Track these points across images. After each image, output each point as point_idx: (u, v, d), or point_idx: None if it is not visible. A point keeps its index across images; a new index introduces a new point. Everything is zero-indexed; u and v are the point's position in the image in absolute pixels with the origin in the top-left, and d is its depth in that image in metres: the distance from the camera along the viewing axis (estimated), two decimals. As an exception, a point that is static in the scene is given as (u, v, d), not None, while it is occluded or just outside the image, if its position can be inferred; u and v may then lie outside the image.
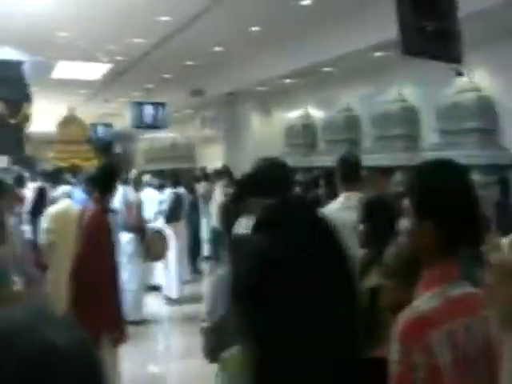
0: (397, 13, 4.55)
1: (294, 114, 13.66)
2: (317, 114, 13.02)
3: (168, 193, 9.16)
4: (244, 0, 8.81)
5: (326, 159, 11.98)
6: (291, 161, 13.04)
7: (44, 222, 5.65)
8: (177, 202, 8.95)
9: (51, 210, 5.73)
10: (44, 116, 16.07)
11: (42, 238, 5.60)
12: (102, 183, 4.52)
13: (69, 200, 5.80)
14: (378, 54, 9.57)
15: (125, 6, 9.00)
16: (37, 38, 10.65)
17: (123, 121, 22.53)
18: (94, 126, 20.55)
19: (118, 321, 4.47)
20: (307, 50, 10.53)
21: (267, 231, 0.91)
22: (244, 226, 2.06)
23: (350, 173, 3.78)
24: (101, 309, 4.12)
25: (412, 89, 10.04)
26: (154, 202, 8.92)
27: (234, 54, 12.35)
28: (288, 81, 12.66)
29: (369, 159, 10.32)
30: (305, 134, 13.02)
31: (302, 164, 12.77)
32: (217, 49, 11.93)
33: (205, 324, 2.36)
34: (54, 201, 6.01)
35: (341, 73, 11.25)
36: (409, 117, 9.94)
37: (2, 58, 12.26)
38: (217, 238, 10.85)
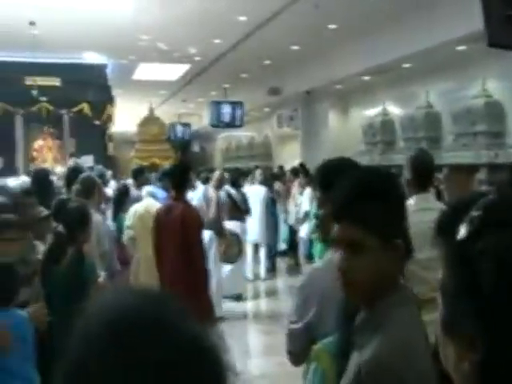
0: (482, 2, 4.35)
1: (372, 112, 13.43)
2: (395, 111, 12.75)
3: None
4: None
5: (405, 157, 11.75)
6: (369, 159, 12.97)
7: (127, 219, 5.82)
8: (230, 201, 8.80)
9: (134, 208, 5.89)
10: (125, 116, 16.59)
11: (125, 235, 5.76)
12: (178, 180, 4.62)
13: (151, 199, 5.95)
14: (460, 47, 9.25)
15: (203, 8, 9.15)
16: (119, 41, 11.02)
17: (200, 120, 22.95)
18: (173, 125, 20.95)
19: (213, 314, 4.59)
20: (386, 46, 10.33)
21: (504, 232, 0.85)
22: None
23: (423, 172, 3.57)
24: (201, 300, 4.24)
25: (497, 83, 9.64)
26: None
27: (312, 52, 12.30)
28: (366, 78, 12.47)
29: (450, 157, 10.04)
30: (383, 132, 12.76)
31: (380, 162, 12.55)
32: (294, 47, 11.92)
33: (294, 325, 2.30)
34: (137, 199, 6.18)
35: (421, 68, 10.96)
36: (493, 112, 9.55)
37: (87, 62, 12.78)
38: (293, 236, 10.85)
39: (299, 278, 9.68)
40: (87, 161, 12.80)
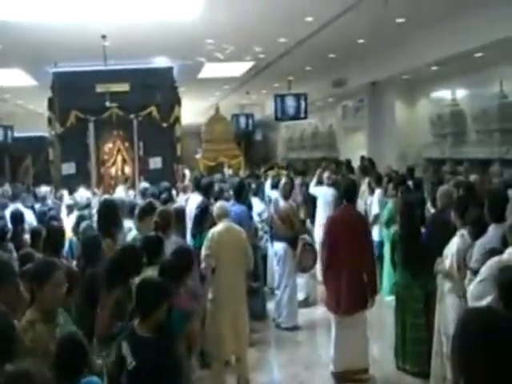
0: None
1: (442, 103, 13.08)
2: (467, 101, 12.35)
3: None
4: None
5: (478, 151, 11.39)
6: (438, 152, 12.65)
7: (204, 246, 5.75)
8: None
9: (210, 233, 5.83)
10: (188, 112, 16.75)
11: (203, 262, 5.72)
12: (350, 194, 6.06)
13: (227, 220, 5.93)
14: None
15: (269, 11, 9.09)
16: (186, 47, 11.15)
17: (263, 109, 22.94)
18: (236, 116, 21.07)
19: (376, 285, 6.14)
20: (456, 37, 10.00)
21: None
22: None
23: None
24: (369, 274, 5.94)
25: None
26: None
27: (378, 45, 12.06)
28: (435, 68, 12.12)
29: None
30: (453, 124, 12.39)
31: (450, 155, 12.22)
32: (360, 41, 11.71)
33: None
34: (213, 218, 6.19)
35: (494, 58, 10.55)
36: None
37: (153, 66, 12.95)
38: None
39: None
40: (156, 163, 13.10)
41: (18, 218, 6.43)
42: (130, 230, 6.13)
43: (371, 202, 9.83)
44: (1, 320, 2.54)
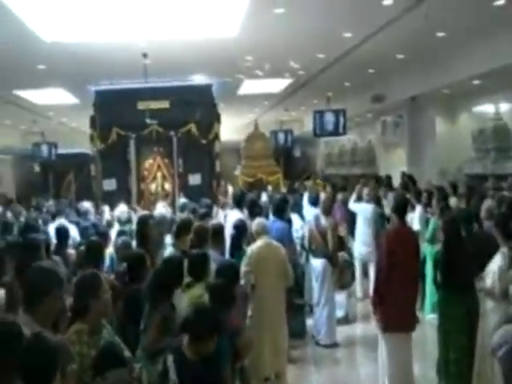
0: None
1: (484, 117, 12.86)
2: (510, 115, 12.11)
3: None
4: (432, 7, 8.45)
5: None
6: (480, 167, 12.42)
7: (243, 263, 5.75)
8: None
9: (250, 250, 5.86)
10: (228, 128, 16.89)
11: (242, 279, 5.66)
12: (402, 210, 6.00)
13: (266, 237, 5.94)
14: None
15: (307, 27, 9.11)
16: (225, 64, 11.28)
17: (302, 126, 22.93)
18: (275, 132, 21.09)
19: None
20: (499, 51, 9.86)
21: None
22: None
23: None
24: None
25: None
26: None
27: (418, 60, 11.98)
28: (477, 82, 11.95)
29: None
30: (496, 138, 12.16)
31: (492, 171, 11.99)
32: (399, 56, 11.64)
33: None
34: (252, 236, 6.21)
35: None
36: None
37: (193, 83, 13.12)
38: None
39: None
40: (196, 179, 13.20)
41: (62, 233, 6.57)
42: (172, 245, 6.18)
43: (412, 218, 9.69)
44: (41, 344, 2.50)
